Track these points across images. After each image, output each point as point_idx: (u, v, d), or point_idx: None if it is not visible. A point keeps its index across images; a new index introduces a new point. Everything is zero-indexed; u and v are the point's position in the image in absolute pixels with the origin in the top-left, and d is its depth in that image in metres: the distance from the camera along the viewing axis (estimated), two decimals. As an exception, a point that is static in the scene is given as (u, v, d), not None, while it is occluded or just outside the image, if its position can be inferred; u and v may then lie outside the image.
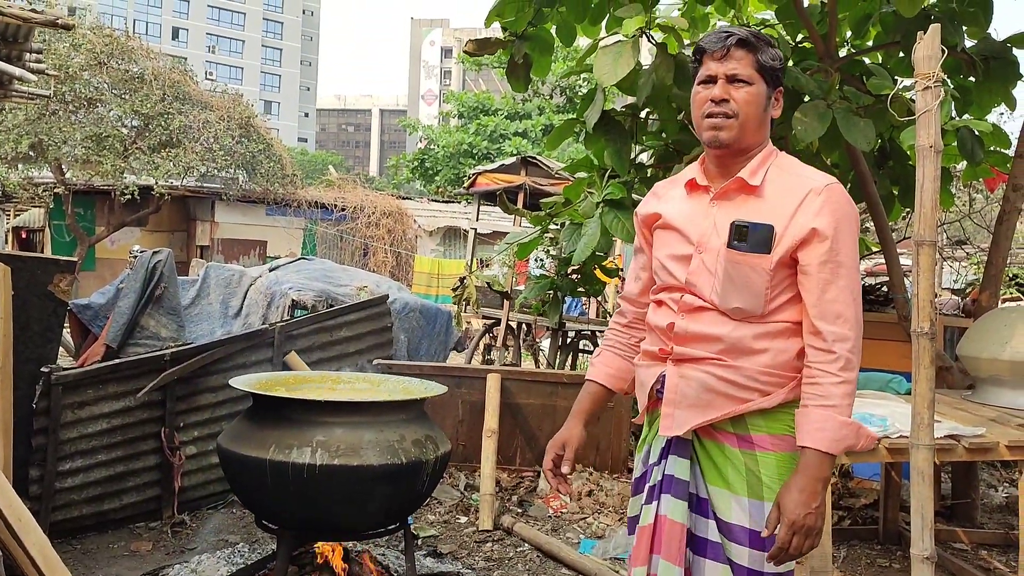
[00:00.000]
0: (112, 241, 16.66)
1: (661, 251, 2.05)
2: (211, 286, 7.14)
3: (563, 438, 2.15)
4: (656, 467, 2.01)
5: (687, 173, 2.09)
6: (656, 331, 2.03)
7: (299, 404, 3.19)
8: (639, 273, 2.20)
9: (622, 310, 2.26)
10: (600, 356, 2.25)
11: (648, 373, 2.05)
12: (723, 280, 1.90)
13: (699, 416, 1.94)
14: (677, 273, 1.98)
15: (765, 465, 1.91)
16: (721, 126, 1.90)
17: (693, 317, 1.95)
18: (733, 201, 1.95)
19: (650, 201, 2.16)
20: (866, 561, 4.11)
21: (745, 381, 1.90)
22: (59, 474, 3.97)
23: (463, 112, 28.27)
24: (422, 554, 4.01)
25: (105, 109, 15.15)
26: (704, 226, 1.96)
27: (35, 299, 3.74)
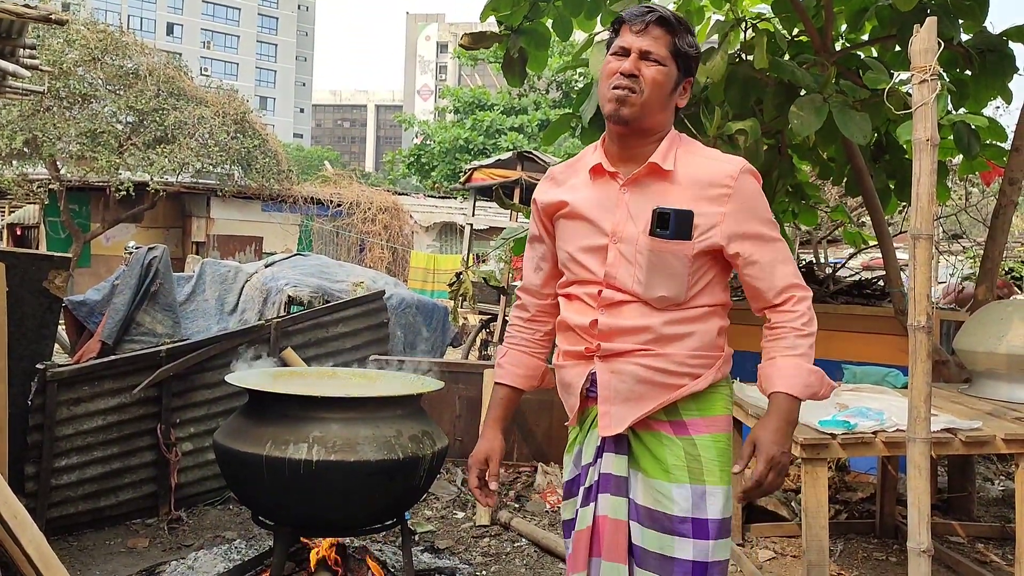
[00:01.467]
0: (107, 238, 16.62)
1: (570, 243, 1.96)
2: (207, 282, 7.13)
3: (485, 452, 2.05)
4: (591, 467, 1.95)
5: (587, 158, 2.00)
6: (576, 330, 1.95)
7: (295, 400, 3.18)
8: (539, 264, 2.10)
9: (522, 303, 2.16)
10: (506, 356, 2.14)
11: (574, 373, 1.97)
12: (647, 270, 1.85)
13: (635, 410, 1.89)
14: (591, 266, 1.91)
15: (703, 447, 1.88)
16: (625, 100, 1.82)
17: (616, 311, 1.89)
18: (645, 187, 1.88)
19: (548, 188, 2.05)
20: (863, 555, 4.12)
21: (675, 367, 1.87)
22: (55, 471, 3.96)
23: (459, 107, 28.22)
24: (419, 549, 4.01)
25: (100, 105, 15.11)
26: (617, 215, 1.88)
27: (30, 296, 3.73)
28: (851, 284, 5.79)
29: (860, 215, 8.09)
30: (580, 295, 1.93)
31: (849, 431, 2.97)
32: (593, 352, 1.91)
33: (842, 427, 2.98)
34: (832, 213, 7.07)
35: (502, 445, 2.08)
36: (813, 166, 5.59)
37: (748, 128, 3.74)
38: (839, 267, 6.44)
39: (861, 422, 3.02)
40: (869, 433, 2.97)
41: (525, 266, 2.13)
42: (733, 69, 4.07)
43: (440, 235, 20.63)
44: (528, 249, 2.12)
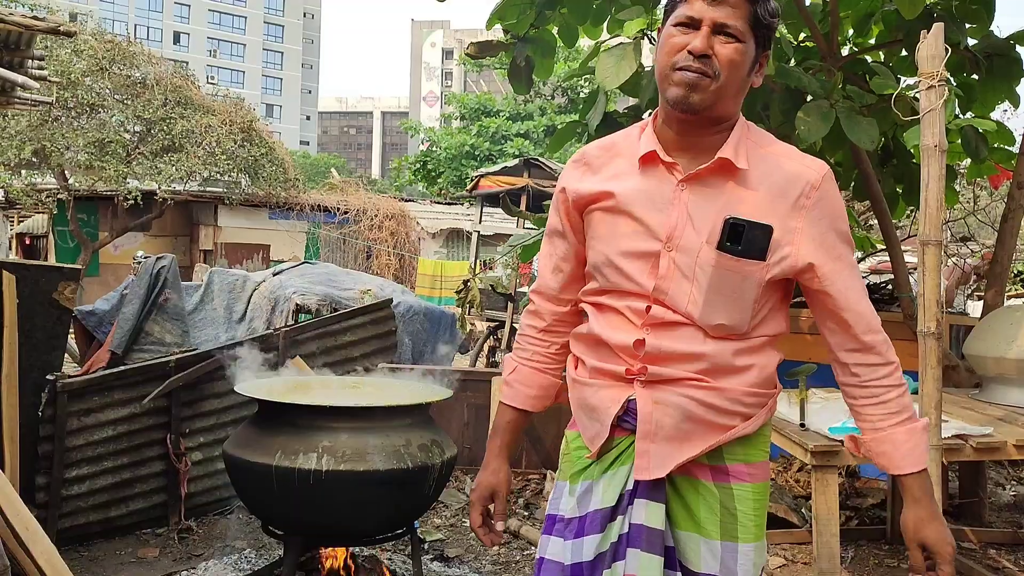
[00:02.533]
0: (116, 247, 16.68)
1: (609, 244, 1.62)
2: (215, 291, 7.15)
3: (490, 486, 1.76)
4: (617, 515, 1.61)
5: (632, 141, 1.65)
6: (612, 347, 1.62)
7: (304, 409, 3.19)
8: (559, 264, 1.76)
9: (536, 310, 1.81)
10: (516, 374, 1.81)
11: (605, 396, 1.63)
12: (707, 289, 1.54)
13: (679, 451, 1.58)
14: (636, 275, 1.58)
15: (741, 499, 1.62)
16: (696, 85, 1.50)
17: (664, 333, 1.57)
18: (710, 186, 1.56)
19: (582, 174, 1.69)
20: (874, 561, 4.10)
21: (729, 405, 1.58)
22: (65, 481, 3.97)
23: (465, 114, 28.27)
24: (429, 558, 4.01)
25: (107, 115, 15.17)
26: (674, 217, 1.56)
27: (40, 307, 3.74)
28: (859, 289, 5.76)
29: (868, 218, 8.08)
30: (619, 308, 1.62)
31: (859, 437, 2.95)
32: (635, 375, 1.60)
33: (852, 433, 2.96)
34: (840, 217, 7.05)
35: (509, 477, 1.80)
36: (820, 171, 5.57)
37: (755, 134, 3.73)
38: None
39: (871, 429, 3.01)
40: (879, 440, 2.96)
41: (541, 265, 1.81)
42: (739, 75, 4.07)
43: (447, 241, 20.65)
44: (546, 245, 1.79)
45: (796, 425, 3.19)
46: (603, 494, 1.63)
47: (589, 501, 1.65)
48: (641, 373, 1.59)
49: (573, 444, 1.74)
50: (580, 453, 1.70)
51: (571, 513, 1.67)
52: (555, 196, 1.75)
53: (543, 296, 1.81)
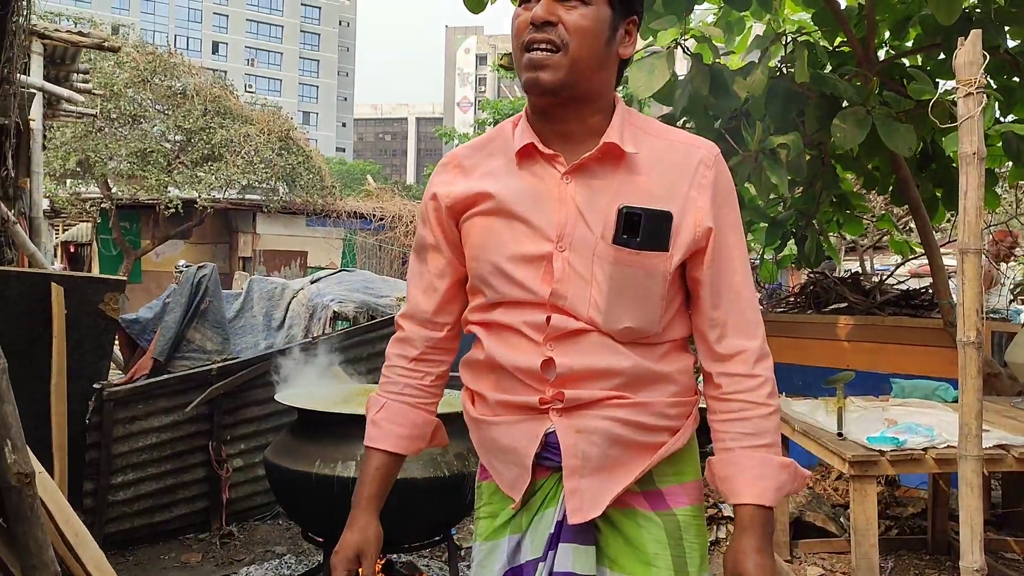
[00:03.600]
0: (157, 254, 16.98)
1: (492, 250, 1.42)
2: (254, 299, 7.26)
3: (355, 546, 1.49)
4: (539, 563, 1.43)
5: (506, 137, 1.48)
6: (515, 373, 1.41)
7: (343, 418, 3.24)
8: (433, 282, 1.55)
9: (406, 337, 1.58)
10: (384, 411, 1.56)
11: (517, 434, 1.43)
12: (608, 291, 1.36)
13: (612, 482, 1.40)
14: (530, 283, 1.39)
15: (685, 526, 1.44)
16: (543, 63, 1.34)
17: (572, 346, 1.39)
18: (598, 177, 1.40)
19: (453, 177, 1.50)
20: (915, 571, 4.06)
21: (655, 420, 1.41)
22: (111, 487, 4.06)
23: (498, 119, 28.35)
24: (465, 565, 4.04)
25: (149, 125, 15.50)
26: (562, 213, 1.39)
27: (87, 318, 3.84)
28: (898, 295, 5.71)
29: (907, 222, 7.98)
30: (514, 324, 1.42)
31: (898, 448, 2.94)
32: (549, 404, 1.40)
33: (891, 444, 2.95)
34: (879, 222, 6.98)
35: (379, 534, 1.52)
36: (857, 176, 5.54)
37: (790, 142, 3.73)
38: (886, 276, 6.35)
39: (911, 438, 2.99)
40: (919, 450, 2.94)
41: (411, 288, 1.59)
42: (774, 83, 4.07)
43: (481, 247, 20.72)
44: (415, 263, 1.59)
45: (833, 434, 3.17)
46: (532, 544, 1.45)
47: (520, 554, 1.46)
48: (556, 400, 1.39)
49: (487, 496, 1.53)
50: (500, 506, 1.49)
51: (494, 570, 1.48)
52: (423, 206, 1.54)
53: (414, 320, 1.57)
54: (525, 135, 1.43)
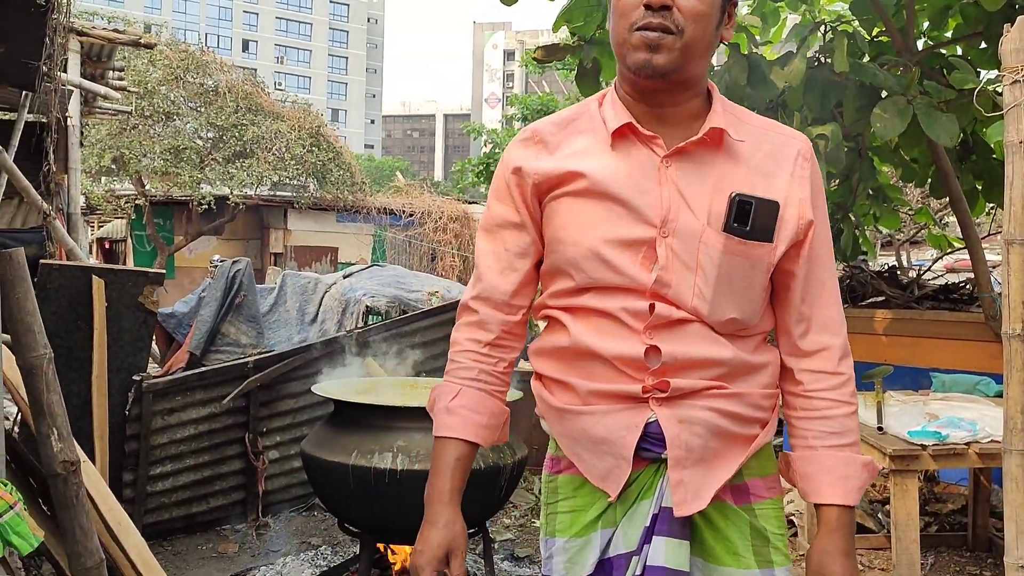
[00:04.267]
0: (190, 250, 17.16)
1: (586, 232, 1.36)
2: (288, 294, 7.32)
3: (444, 544, 1.39)
4: (632, 557, 1.38)
5: (592, 115, 1.42)
6: (612, 361, 1.36)
7: (379, 410, 3.26)
8: (513, 262, 1.46)
9: (480, 320, 1.48)
10: (460, 398, 1.45)
11: (613, 424, 1.37)
12: (715, 280, 1.33)
13: (713, 475, 1.37)
14: (627, 268, 1.34)
15: (765, 518, 1.42)
16: (659, 44, 1.30)
17: (673, 335, 1.34)
18: (699, 162, 1.36)
19: (537, 152, 1.43)
20: (955, 568, 4.00)
21: (750, 412, 1.39)
22: (150, 478, 4.12)
23: (527, 115, 28.31)
24: (500, 557, 4.04)
25: (182, 122, 15.68)
26: (664, 197, 1.34)
27: (126, 310, 3.89)
28: (937, 289, 5.62)
29: (943, 216, 7.86)
30: (610, 310, 1.36)
31: (940, 442, 2.89)
32: (650, 392, 1.35)
33: (933, 438, 2.91)
34: (916, 215, 6.88)
35: (465, 530, 1.43)
36: (895, 168, 5.45)
37: (829, 133, 3.68)
38: (924, 271, 6.26)
39: (953, 433, 2.94)
40: (962, 444, 2.90)
41: (484, 267, 1.49)
42: (812, 73, 4.01)
43: (510, 243, 20.71)
44: (489, 242, 1.49)
45: (874, 428, 3.13)
46: (625, 538, 1.40)
47: (608, 551, 1.41)
48: (660, 389, 1.35)
49: (568, 491, 1.46)
50: (588, 500, 1.43)
51: (579, 572, 1.42)
52: (504, 181, 1.46)
53: (489, 303, 1.47)
54: (620, 115, 1.38)
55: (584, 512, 1.43)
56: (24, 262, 2.21)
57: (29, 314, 2.21)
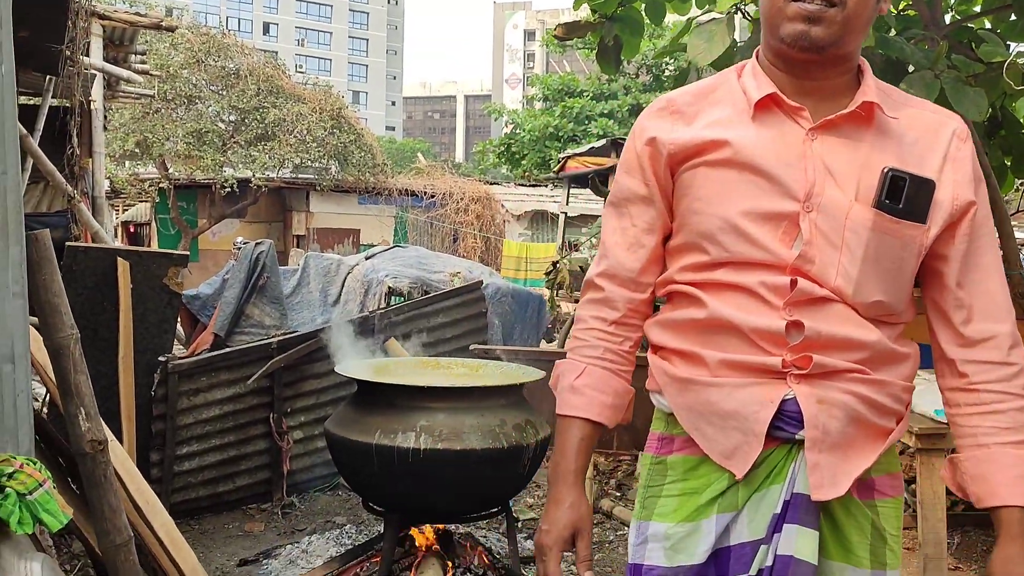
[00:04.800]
0: (214, 233, 17.30)
1: (724, 204, 1.31)
2: (311, 275, 7.36)
3: (571, 525, 1.35)
4: (760, 545, 1.30)
5: (731, 85, 1.37)
6: (749, 333, 1.29)
7: (402, 390, 3.27)
8: (640, 238, 1.41)
9: (607, 298, 1.43)
10: (585, 377, 1.41)
11: (747, 398, 1.30)
12: (862, 259, 1.26)
13: (848, 463, 1.29)
14: (767, 242, 1.29)
15: (886, 517, 1.35)
16: (819, 16, 1.24)
17: (817, 314, 1.27)
18: (846, 137, 1.30)
19: (673, 122, 1.37)
20: (982, 548, 3.97)
21: (890, 402, 1.31)
22: (177, 458, 4.17)
23: (548, 95, 28.17)
24: (523, 536, 4.06)
25: (204, 106, 15.77)
26: (808, 170, 1.28)
27: (151, 292, 3.93)
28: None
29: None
30: (748, 285, 1.30)
31: (968, 420, 2.86)
32: (789, 368, 1.28)
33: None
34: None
35: (591, 511, 1.40)
36: (922, 144, 5.38)
37: (854, 108, 3.62)
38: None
39: (980, 411, 2.91)
40: (989, 423, 2.86)
41: (610, 244, 1.44)
42: (837, 48, 3.95)
43: (532, 223, 20.69)
44: (616, 217, 1.44)
45: (899, 407, 3.10)
46: (749, 524, 1.31)
47: (726, 538, 1.32)
48: (801, 365, 1.27)
49: (681, 472, 1.37)
50: (704, 481, 1.34)
51: (685, 560, 1.33)
52: (635, 153, 1.40)
53: (615, 281, 1.42)
54: (764, 85, 1.32)
55: (697, 495, 1.34)
56: (50, 244, 2.23)
57: (56, 295, 2.23)
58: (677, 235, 1.39)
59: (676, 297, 1.40)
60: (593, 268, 1.46)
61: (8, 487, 1.73)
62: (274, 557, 3.76)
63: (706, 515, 1.32)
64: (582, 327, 1.45)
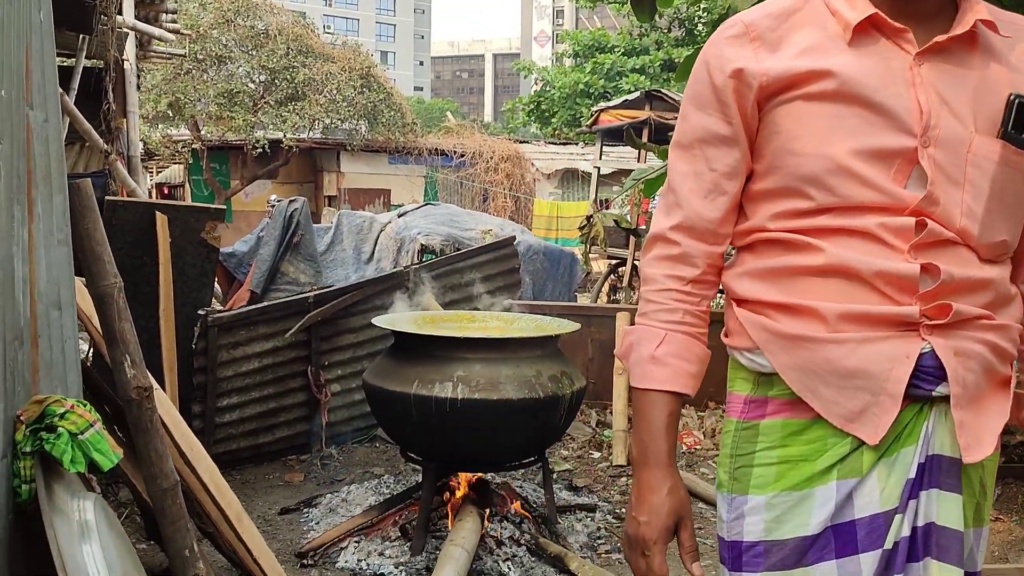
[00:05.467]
0: (246, 194, 17.40)
1: (829, 142, 1.15)
2: (344, 233, 7.40)
3: (674, 511, 1.22)
4: (895, 515, 1.16)
5: (816, 5, 1.21)
6: (872, 280, 1.14)
7: (440, 341, 3.29)
8: (720, 183, 1.24)
9: (684, 253, 1.26)
10: (668, 345, 1.25)
11: (876, 354, 1.14)
12: (988, 197, 1.15)
13: (983, 418, 1.18)
14: (883, 183, 1.14)
15: (989, 471, 1.24)
16: None
17: (944, 257, 1.14)
18: (954, 62, 1.16)
19: (755, 50, 1.20)
20: (1022, 499, 3.94)
21: (1010, 347, 1.20)
22: (218, 410, 4.24)
23: (578, 51, 27.80)
24: (559, 487, 4.09)
25: (235, 66, 15.77)
26: (921, 100, 1.14)
27: (190, 246, 3.96)
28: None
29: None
30: (865, 227, 1.15)
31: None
32: (928, 318, 1.14)
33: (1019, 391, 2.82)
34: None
35: (688, 496, 1.26)
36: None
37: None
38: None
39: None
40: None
41: (685, 191, 1.26)
42: None
43: (562, 182, 20.57)
44: (689, 160, 1.26)
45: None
46: (881, 493, 1.17)
47: (849, 509, 1.18)
48: (937, 314, 1.14)
49: (772, 437, 1.22)
50: (818, 447, 1.19)
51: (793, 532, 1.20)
52: (712, 87, 1.22)
53: (692, 233, 1.25)
54: (860, 5, 1.17)
55: (805, 462, 1.19)
56: (92, 192, 2.24)
57: (98, 243, 2.25)
58: (765, 179, 1.23)
59: (766, 247, 1.23)
60: (663, 220, 1.29)
61: (60, 427, 1.76)
62: (314, 506, 3.83)
63: (822, 482, 1.18)
64: (656, 288, 1.28)
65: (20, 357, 1.89)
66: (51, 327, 2.14)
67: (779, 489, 1.20)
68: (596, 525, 3.66)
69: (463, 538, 3.10)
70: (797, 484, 1.19)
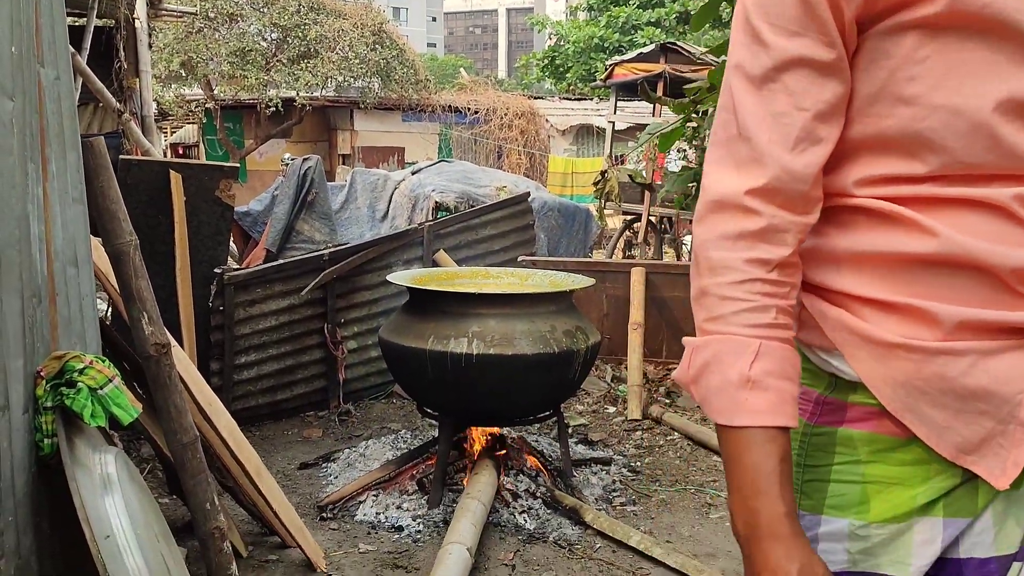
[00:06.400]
0: (260, 154, 17.37)
1: (964, 91, 0.83)
2: (358, 191, 7.39)
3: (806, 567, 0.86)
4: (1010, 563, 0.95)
5: None
6: (1005, 277, 0.86)
7: (454, 297, 3.30)
8: (815, 129, 0.89)
9: (771, 227, 0.90)
10: (764, 361, 0.89)
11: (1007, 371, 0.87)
12: None
13: None
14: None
15: None
16: None
17: None
18: None
19: None
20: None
21: None
22: (236, 367, 4.28)
23: (592, 5, 27.39)
24: (574, 441, 4.12)
25: (246, 24, 15.63)
26: None
27: (204, 204, 3.97)
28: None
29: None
30: (998, 201, 0.85)
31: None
32: None
33: None
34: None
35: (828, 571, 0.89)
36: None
37: None
38: None
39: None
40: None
41: (764, 140, 0.90)
42: None
43: (577, 138, 20.40)
44: (767, 99, 0.89)
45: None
46: (996, 536, 0.94)
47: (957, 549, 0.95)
48: None
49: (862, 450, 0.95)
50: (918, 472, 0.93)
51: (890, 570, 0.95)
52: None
53: (777, 198, 0.90)
54: None
55: (897, 487, 0.94)
56: (105, 150, 2.25)
57: (113, 202, 2.26)
58: (852, 126, 0.92)
59: (852, 218, 0.94)
60: (733, 180, 0.91)
61: (80, 382, 1.79)
62: (333, 460, 3.88)
63: (925, 514, 0.94)
64: (732, 279, 0.91)
65: (39, 314, 1.91)
66: (68, 284, 2.16)
67: (867, 519, 0.96)
68: (611, 478, 3.70)
69: (479, 491, 3.13)
70: (892, 515, 0.94)
